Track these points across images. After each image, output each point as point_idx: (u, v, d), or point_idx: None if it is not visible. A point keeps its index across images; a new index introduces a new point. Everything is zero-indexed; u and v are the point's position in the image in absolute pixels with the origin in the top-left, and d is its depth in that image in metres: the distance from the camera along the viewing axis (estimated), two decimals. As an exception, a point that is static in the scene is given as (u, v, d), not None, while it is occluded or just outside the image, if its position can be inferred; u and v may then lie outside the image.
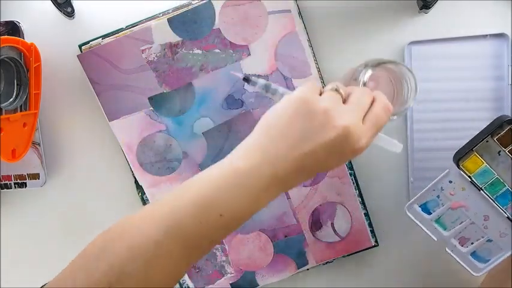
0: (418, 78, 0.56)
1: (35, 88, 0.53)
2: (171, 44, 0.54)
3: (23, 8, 0.55)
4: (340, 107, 0.41)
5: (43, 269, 0.60)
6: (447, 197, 0.52)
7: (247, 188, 0.40)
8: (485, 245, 0.52)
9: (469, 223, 0.52)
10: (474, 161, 0.51)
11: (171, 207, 0.40)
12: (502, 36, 0.56)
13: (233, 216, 0.40)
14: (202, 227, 0.40)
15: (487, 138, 0.50)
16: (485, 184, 0.51)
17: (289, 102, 0.42)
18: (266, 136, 0.42)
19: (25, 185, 0.57)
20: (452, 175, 0.51)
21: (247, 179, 0.40)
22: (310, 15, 0.56)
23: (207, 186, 0.41)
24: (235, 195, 0.40)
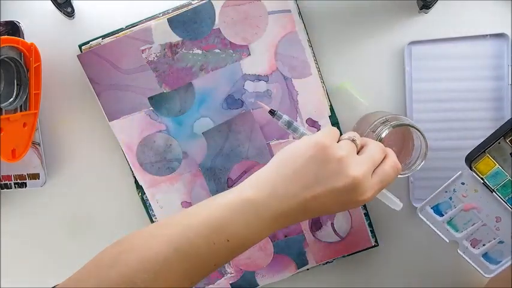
0: (418, 78, 0.57)
1: (35, 88, 0.53)
2: (171, 44, 0.54)
3: (23, 8, 0.55)
4: (354, 157, 0.43)
5: (43, 269, 0.60)
6: (459, 199, 0.52)
7: (253, 218, 0.42)
8: (497, 247, 0.52)
9: (481, 225, 0.52)
10: (486, 162, 0.51)
11: (183, 226, 0.42)
12: (502, 36, 0.56)
13: (239, 242, 0.42)
14: (211, 249, 0.41)
15: (500, 140, 0.50)
16: (498, 186, 0.51)
17: (307, 145, 0.44)
18: (279, 173, 0.44)
19: (25, 185, 0.57)
20: (465, 177, 0.51)
21: (254, 210, 0.42)
22: (310, 15, 0.56)
23: (218, 210, 0.43)
24: (241, 223, 0.42)
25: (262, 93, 0.56)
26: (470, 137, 0.57)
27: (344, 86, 0.56)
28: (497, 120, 0.57)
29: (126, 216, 0.59)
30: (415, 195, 0.58)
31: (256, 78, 0.56)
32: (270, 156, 0.57)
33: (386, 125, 0.50)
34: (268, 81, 0.56)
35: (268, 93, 0.56)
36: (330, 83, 0.57)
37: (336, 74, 0.57)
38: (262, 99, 0.56)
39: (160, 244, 0.41)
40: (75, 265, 0.60)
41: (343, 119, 0.57)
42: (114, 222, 0.59)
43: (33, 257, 0.60)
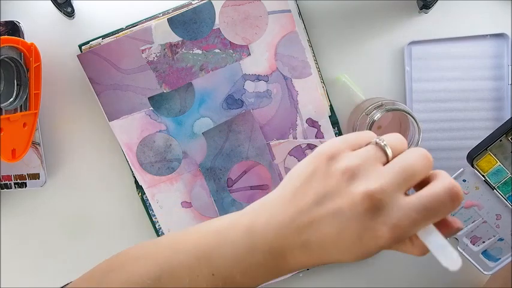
0: (418, 78, 0.57)
1: (35, 88, 0.53)
2: (171, 44, 0.54)
3: (23, 8, 0.55)
4: (370, 167, 0.32)
5: (43, 269, 0.60)
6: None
7: (243, 249, 0.34)
8: (497, 244, 0.52)
9: (481, 222, 0.52)
10: (488, 160, 0.51)
11: (173, 250, 0.37)
12: (502, 36, 0.56)
13: (225, 280, 0.35)
14: (194, 283, 0.35)
15: (501, 138, 0.50)
16: (499, 183, 0.51)
17: (311, 157, 0.34)
18: (281, 195, 0.35)
19: (25, 185, 0.57)
20: (467, 174, 0.51)
21: (246, 239, 0.34)
22: (310, 15, 0.56)
23: (206, 236, 0.36)
24: (229, 254, 0.35)
25: (262, 93, 0.56)
26: (471, 136, 0.57)
27: (341, 78, 0.56)
28: (498, 120, 0.57)
29: (126, 216, 0.59)
30: (415, 195, 0.58)
31: (256, 78, 0.56)
32: (270, 156, 0.57)
33: (380, 108, 0.50)
34: (268, 81, 0.56)
35: (268, 93, 0.56)
36: (330, 82, 0.57)
37: (336, 73, 0.57)
38: (262, 100, 0.56)
39: (145, 268, 0.37)
40: (75, 265, 0.61)
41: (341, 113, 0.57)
42: (114, 222, 0.59)
43: (33, 257, 0.60)
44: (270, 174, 0.57)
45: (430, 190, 0.31)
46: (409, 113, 0.51)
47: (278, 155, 0.57)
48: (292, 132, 0.57)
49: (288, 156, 0.57)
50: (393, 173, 0.31)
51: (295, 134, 0.57)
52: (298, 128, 0.56)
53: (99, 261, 0.61)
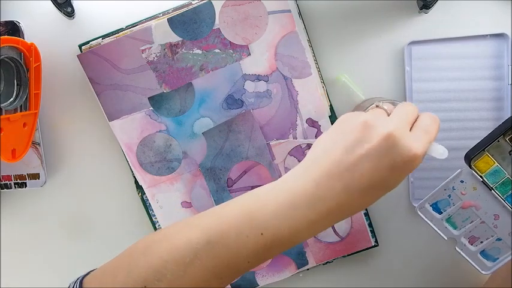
0: (418, 78, 0.57)
1: (35, 88, 0.53)
2: (171, 44, 0.54)
3: (23, 8, 0.55)
4: (382, 118, 0.41)
5: (43, 269, 0.60)
6: (458, 197, 0.52)
7: (288, 206, 0.39)
8: (495, 244, 0.52)
9: (479, 222, 0.52)
10: (486, 160, 0.51)
11: (218, 216, 0.40)
12: (502, 36, 0.56)
13: (273, 237, 0.39)
14: (244, 242, 0.38)
15: (499, 138, 0.50)
16: (496, 184, 0.51)
17: (336, 122, 0.43)
18: (312, 154, 0.41)
19: (25, 185, 0.57)
20: (464, 175, 0.51)
21: (290, 198, 0.39)
22: (310, 15, 0.56)
23: (253, 201, 0.40)
24: (275, 214, 0.39)
25: (262, 93, 0.56)
26: (470, 137, 0.57)
27: (340, 78, 0.56)
28: (497, 120, 0.57)
29: (126, 216, 0.59)
30: (414, 195, 0.58)
31: (256, 78, 0.56)
32: (270, 156, 0.57)
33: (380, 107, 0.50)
34: (268, 81, 0.56)
35: (268, 93, 0.56)
36: (330, 82, 0.57)
37: (336, 73, 0.57)
38: (262, 100, 0.56)
39: (191, 234, 0.39)
40: (75, 265, 0.61)
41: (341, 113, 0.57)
42: (114, 222, 0.59)
43: (33, 257, 0.60)
44: (270, 174, 0.57)
45: (422, 120, 0.42)
46: None
47: (278, 155, 0.57)
48: (292, 132, 0.57)
49: (288, 156, 0.57)
50: (397, 116, 0.41)
51: (295, 134, 0.57)
52: (298, 128, 0.56)
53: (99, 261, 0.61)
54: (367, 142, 0.39)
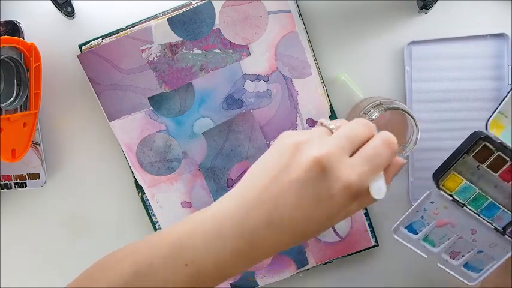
0: (418, 78, 0.57)
1: (35, 88, 0.53)
2: (171, 44, 0.54)
3: (23, 8, 0.55)
4: (316, 139, 0.35)
5: (43, 269, 0.60)
6: (432, 217, 0.51)
7: (214, 235, 0.35)
8: (477, 256, 0.51)
9: (457, 238, 0.51)
10: (453, 179, 0.50)
11: (150, 245, 0.38)
12: (502, 36, 0.56)
13: (198, 269, 0.35)
14: (169, 275, 0.36)
15: (464, 156, 0.50)
16: (468, 200, 0.51)
17: (274, 141, 0.39)
18: (247, 176, 0.38)
19: (25, 185, 0.57)
20: (434, 195, 0.51)
21: (217, 226, 0.36)
22: (310, 15, 0.56)
23: (185, 228, 0.37)
24: (201, 242, 0.36)
25: (262, 93, 0.56)
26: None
27: (340, 77, 0.56)
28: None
29: (126, 216, 0.59)
30: (414, 195, 0.58)
31: (256, 78, 0.56)
32: (270, 156, 0.57)
33: (378, 107, 0.50)
34: (268, 81, 0.56)
35: (268, 93, 0.56)
36: (330, 82, 0.57)
37: (336, 73, 0.57)
38: (262, 100, 0.56)
39: (126, 265, 0.37)
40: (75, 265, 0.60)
41: (341, 113, 0.57)
42: (114, 222, 0.59)
43: (33, 256, 0.60)
44: (270, 174, 0.57)
45: (368, 145, 0.35)
46: (407, 112, 0.51)
47: (278, 155, 0.57)
48: (292, 132, 0.57)
49: (288, 156, 0.57)
50: (336, 139, 0.35)
51: (295, 134, 0.57)
52: (298, 128, 0.56)
53: (99, 261, 0.61)
54: (293, 168, 0.34)
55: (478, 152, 0.49)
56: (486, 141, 0.49)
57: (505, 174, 0.49)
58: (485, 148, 0.49)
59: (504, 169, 0.49)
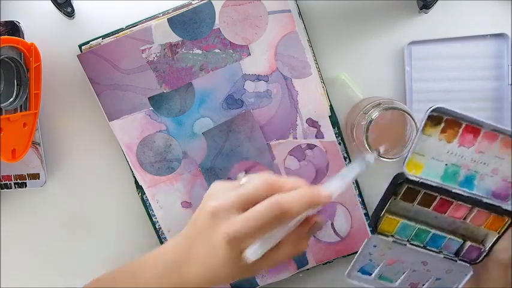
0: (418, 78, 0.57)
1: (35, 88, 0.53)
2: (171, 44, 0.54)
3: (23, 8, 0.55)
4: (221, 192, 0.40)
5: (43, 269, 0.60)
6: (379, 258, 0.51)
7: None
8: (437, 283, 0.51)
9: (412, 271, 0.51)
10: (389, 222, 0.50)
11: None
12: (502, 36, 0.56)
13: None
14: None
15: (392, 199, 0.49)
16: (410, 236, 0.50)
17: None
18: (182, 232, 0.43)
19: (25, 185, 0.57)
20: (374, 240, 0.50)
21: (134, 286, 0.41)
22: (310, 15, 0.56)
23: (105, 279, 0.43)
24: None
25: (262, 93, 0.56)
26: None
27: (340, 76, 0.56)
28: (497, 120, 0.57)
29: (126, 216, 0.59)
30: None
31: (256, 78, 0.56)
32: (270, 156, 0.57)
33: (378, 107, 0.50)
34: (268, 81, 0.56)
35: (268, 93, 0.56)
36: (330, 82, 0.57)
37: (335, 73, 0.57)
38: (262, 100, 0.56)
39: None
40: (75, 265, 0.61)
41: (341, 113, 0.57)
42: (114, 222, 0.59)
43: (33, 256, 0.60)
44: (270, 174, 0.57)
45: (255, 207, 0.36)
46: (407, 112, 0.51)
47: (278, 155, 0.57)
48: (292, 132, 0.57)
49: (288, 156, 0.57)
50: (232, 194, 0.38)
51: (295, 134, 0.57)
52: (298, 128, 0.56)
53: (99, 261, 0.61)
54: (199, 217, 0.39)
55: (404, 194, 0.49)
56: (408, 184, 0.48)
57: (438, 207, 0.49)
58: (410, 189, 0.49)
59: (436, 204, 0.49)
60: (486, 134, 0.47)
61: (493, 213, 0.48)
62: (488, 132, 0.47)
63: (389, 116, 0.52)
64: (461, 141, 0.47)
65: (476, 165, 0.47)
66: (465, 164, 0.47)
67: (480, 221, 0.49)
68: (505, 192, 0.48)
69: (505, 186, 0.48)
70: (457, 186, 0.48)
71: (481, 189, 0.48)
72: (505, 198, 0.48)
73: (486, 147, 0.47)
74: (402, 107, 0.51)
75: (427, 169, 0.48)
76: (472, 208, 0.49)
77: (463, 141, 0.47)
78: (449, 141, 0.47)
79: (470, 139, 0.47)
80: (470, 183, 0.48)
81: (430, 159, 0.48)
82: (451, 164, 0.48)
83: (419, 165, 0.48)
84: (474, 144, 0.47)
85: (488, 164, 0.47)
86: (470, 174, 0.48)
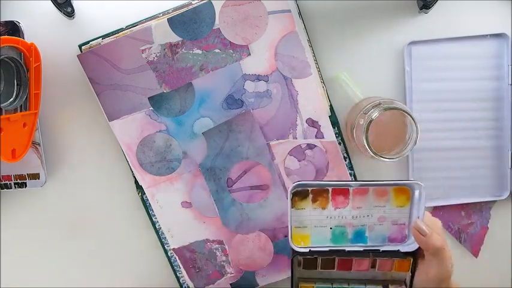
0: (418, 78, 0.57)
1: (35, 88, 0.53)
2: (171, 44, 0.54)
3: (23, 8, 0.55)
4: None
5: (43, 269, 0.60)
6: None
7: None
8: None
9: None
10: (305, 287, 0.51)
11: None
12: (502, 36, 0.56)
13: None
14: None
15: (296, 272, 0.51)
16: None
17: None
18: None
19: (25, 185, 0.57)
20: None
21: None
22: (310, 15, 0.56)
23: None
24: None
25: (262, 93, 0.56)
26: (470, 137, 0.57)
27: (340, 76, 0.56)
28: (497, 120, 0.57)
29: (126, 216, 0.59)
30: (415, 195, 0.58)
31: (256, 78, 0.56)
32: (270, 156, 0.57)
33: (378, 107, 0.50)
34: (268, 81, 0.56)
35: (268, 93, 0.56)
36: (330, 82, 0.57)
37: (335, 73, 0.57)
38: (262, 100, 0.56)
39: None
40: (75, 265, 0.61)
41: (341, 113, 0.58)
42: (114, 222, 0.59)
43: (33, 257, 0.60)
44: (270, 174, 0.57)
45: None
46: (407, 112, 0.51)
47: (278, 155, 0.57)
48: (292, 132, 0.57)
49: (288, 156, 0.57)
50: None
51: (295, 134, 0.57)
52: (298, 128, 0.56)
53: (99, 261, 0.61)
54: None
55: (305, 264, 0.50)
56: (301, 255, 0.50)
57: (341, 266, 0.50)
58: (307, 259, 0.50)
59: (337, 264, 0.50)
60: (356, 190, 0.48)
61: (394, 258, 0.49)
62: (357, 189, 0.48)
63: (389, 116, 0.52)
64: (335, 204, 0.49)
65: (359, 220, 0.49)
66: (348, 223, 0.49)
67: (388, 266, 0.50)
68: (401, 234, 0.49)
69: (399, 229, 0.49)
70: (349, 244, 0.50)
71: (374, 239, 0.50)
72: (403, 240, 0.49)
73: (361, 202, 0.49)
74: (402, 107, 0.51)
75: (314, 237, 0.50)
76: (373, 259, 0.50)
77: (337, 204, 0.49)
78: (324, 208, 0.49)
79: (342, 200, 0.49)
80: (362, 237, 0.50)
81: (314, 228, 0.49)
82: (335, 226, 0.49)
83: (305, 236, 0.50)
84: (348, 204, 0.49)
85: (371, 215, 0.49)
86: (357, 229, 0.49)
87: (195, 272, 0.59)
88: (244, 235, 0.58)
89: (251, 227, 0.58)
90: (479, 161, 0.58)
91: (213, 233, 0.58)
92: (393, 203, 0.48)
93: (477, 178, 0.58)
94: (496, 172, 0.58)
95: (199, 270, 0.59)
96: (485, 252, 0.61)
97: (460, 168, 0.58)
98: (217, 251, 0.59)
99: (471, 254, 0.61)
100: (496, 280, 0.61)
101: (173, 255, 0.59)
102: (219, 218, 0.58)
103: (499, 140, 0.57)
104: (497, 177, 0.58)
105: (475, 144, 0.57)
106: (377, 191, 0.48)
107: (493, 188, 0.58)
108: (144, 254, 0.60)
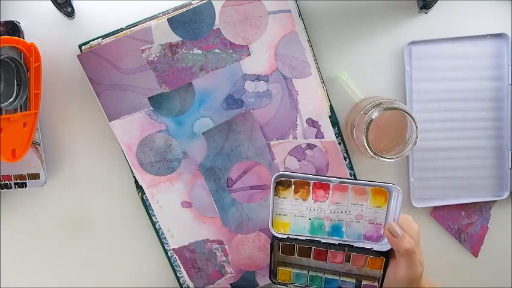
0: (418, 78, 0.57)
1: (35, 88, 0.53)
2: (171, 44, 0.54)
3: (23, 8, 0.55)
4: None
5: (43, 269, 0.60)
6: None
7: None
8: None
9: None
10: (283, 272, 0.54)
11: None
12: (502, 36, 0.56)
13: None
14: None
15: (276, 254, 0.54)
16: (307, 282, 0.53)
17: None
18: None
19: (25, 185, 0.57)
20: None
21: None
22: (310, 15, 0.56)
23: None
24: None
25: (262, 93, 0.56)
26: (471, 136, 0.57)
27: (340, 76, 0.56)
28: (497, 120, 0.57)
29: (126, 216, 0.59)
30: (415, 195, 0.58)
31: (256, 78, 0.56)
32: (270, 156, 0.57)
33: (378, 107, 0.50)
34: (268, 81, 0.56)
35: (268, 93, 0.56)
36: (330, 82, 0.57)
37: (335, 73, 0.57)
38: (262, 100, 0.56)
39: None
40: (75, 265, 0.61)
41: (341, 113, 0.57)
42: (114, 222, 0.59)
43: (33, 257, 0.60)
44: (270, 174, 0.57)
45: None
46: (407, 112, 0.51)
47: (278, 155, 0.57)
48: (292, 132, 0.57)
49: (288, 156, 0.57)
50: None
51: (295, 134, 0.57)
52: (298, 128, 0.56)
53: (99, 261, 0.61)
54: None
55: (283, 249, 0.53)
56: (280, 241, 0.53)
57: (317, 256, 0.53)
58: (286, 244, 0.53)
59: (313, 253, 0.53)
60: (336, 186, 0.51)
61: (368, 255, 0.51)
62: (337, 185, 0.50)
63: (389, 116, 0.52)
64: (315, 197, 0.51)
65: (337, 215, 0.51)
66: (326, 216, 0.52)
67: (361, 262, 0.52)
68: (377, 233, 0.51)
69: (375, 228, 0.51)
70: (326, 236, 0.52)
71: (351, 235, 0.52)
72: (378, 239, 0.51)
73: (340, 198, 0.51)
74: (402, 107, 0.51)
75: (293, 226, 0.52)
76: (347, 253, 0.52)
77: (317, 197, 0.51)
78: (304, 199, 0.51)
79: (322, 194, 0.51)
80: (339, 232, 0.52)
81: (294, 217, 0.52)
82: (314, 218, 0.52)
83: (285, 224, 0.52)
84: (327, 198, 0.51)
85: (349, 211, 0.51)
86: (335, 223, 0.52)
87: (195, 272, 0.59)
88: (244, 235, 0.58)
89: (251, 227, 0.58)
90: (479, 161, 0.58)
91: (213, 233, 0.58)
92: (371, 202, 0.50)
93: (477, 178, 0.58)
94: (496, 172, 0.58)
95: (199, 270, 0.59)
96: (485, 252, 0.61)
97: (460, 168, 0.58)
98: (217, 251, 0.59)
99: (471, 254, 0.61)
100: (496, 280, 0.61)
101: (173, 255, 0.59)
102: (219, 218, 0.58)
103: (498, 140, 0.57)
104: (497, 177, 0.58)
105: (475, 144, 0.57)
106: (356, 189, 0.50)
107: (493, 188, 0.58)
108: (144, 254, 0.60)
